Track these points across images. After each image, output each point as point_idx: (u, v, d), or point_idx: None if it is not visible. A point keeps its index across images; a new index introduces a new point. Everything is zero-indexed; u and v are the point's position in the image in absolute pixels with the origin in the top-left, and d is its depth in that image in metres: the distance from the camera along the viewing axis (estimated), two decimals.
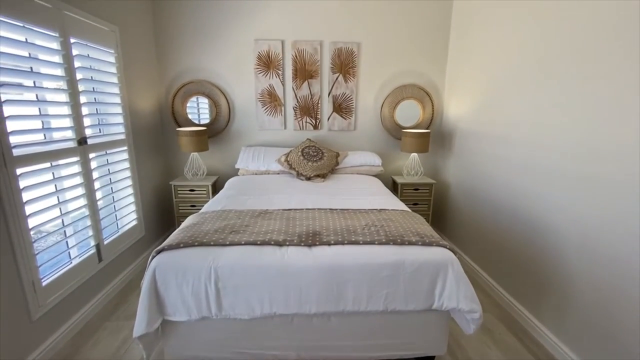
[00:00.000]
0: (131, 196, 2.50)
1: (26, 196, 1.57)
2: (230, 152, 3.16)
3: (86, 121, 1.98)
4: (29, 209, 1.59)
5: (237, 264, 1.44)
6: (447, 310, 1.54)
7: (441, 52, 3.08)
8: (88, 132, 2.00)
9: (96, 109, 2.17)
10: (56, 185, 1.77)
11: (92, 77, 2.08)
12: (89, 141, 2.00)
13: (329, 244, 1.55)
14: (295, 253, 1.50)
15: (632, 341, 1.39)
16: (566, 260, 1.71)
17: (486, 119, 2.46)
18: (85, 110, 1.98)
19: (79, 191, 1.94)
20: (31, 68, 1.67)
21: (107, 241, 2.19)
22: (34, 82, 1.71)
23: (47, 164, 1.71)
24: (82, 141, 1.93)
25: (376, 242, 1.55)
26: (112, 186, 2.28)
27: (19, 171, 1.53)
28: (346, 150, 3.10)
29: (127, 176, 2.45)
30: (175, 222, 2.89)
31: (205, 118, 3.07)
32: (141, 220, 2.64)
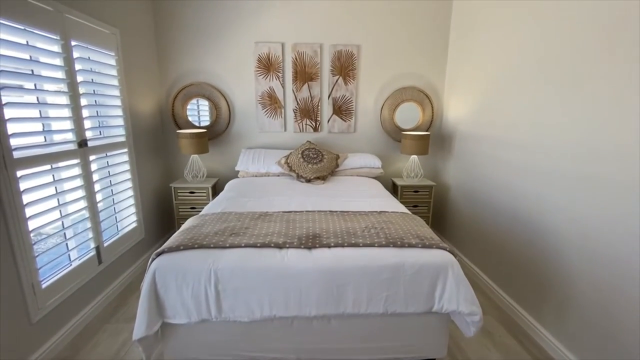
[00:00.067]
0: (131, 198, 2.51)
1: (26, 198, 1.57)
2: (230, 154, 3.17)
3: (87, 123, 1.99)
4: (29, 211, 1.59)
5: (237, 266, 1.44)
6: (447, 313, 1.53)
7: (441, 53, 3.08)
8: (88, 135, 2.01)
9: (97, 112, 2.18)
10: (56, 188, 1.78)
11: (92, 79, 2.09)
12: (90, 143, 2.00)
13: (329, 247, 1.55)
14: (295, 255, 1.50)
15: (632, 341, 1.38)
16: (566, 261, 1.71)
17: (486, 121, 2.46)
18: (85, 113, 1.98)
19: (79, 193, 1.94)
20: (32, 71, 1.68)
21: (107, 243, 2.19)
22: (35, 85, 1.72)
23: (48, 166, 1.71)
24: (82, 143, 1.93)
25: (376, 245, 1.55)
26: (112, 188, 2.28)
27: (19, 173, 1.53)
28: (346, 153, 3.10)
29: (127, 178, 2.45)
30: (175, 224, 2.89)
31: (206, 120, 3.08)
32: (141, 222, 2.64)
